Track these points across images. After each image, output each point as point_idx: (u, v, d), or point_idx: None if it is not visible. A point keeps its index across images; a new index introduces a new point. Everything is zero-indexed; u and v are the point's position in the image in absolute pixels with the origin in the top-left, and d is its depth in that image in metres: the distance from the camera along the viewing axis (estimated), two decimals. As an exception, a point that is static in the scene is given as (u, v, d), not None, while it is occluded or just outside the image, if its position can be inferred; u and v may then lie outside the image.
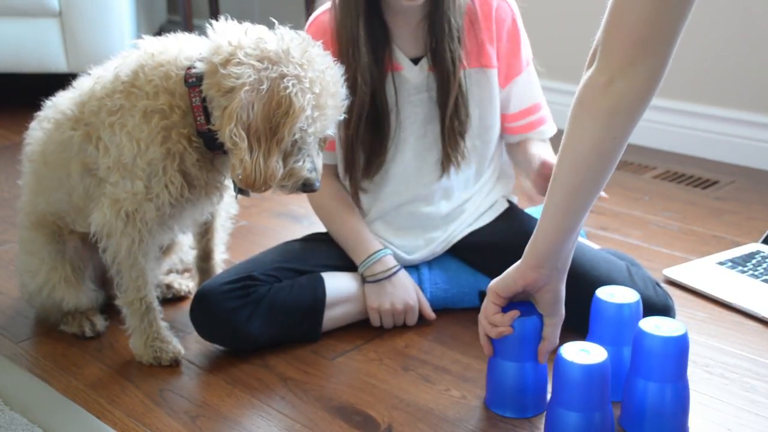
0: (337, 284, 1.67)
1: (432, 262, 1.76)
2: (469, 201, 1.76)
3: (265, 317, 1.59)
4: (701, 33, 2.64)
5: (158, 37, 1.51)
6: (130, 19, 3.17)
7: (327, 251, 1.73)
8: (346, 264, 1.72)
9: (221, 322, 1.58)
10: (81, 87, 1.56)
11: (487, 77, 1.68)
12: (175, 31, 1.53)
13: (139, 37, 1.54)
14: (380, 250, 1.69)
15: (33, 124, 1.63)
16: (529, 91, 1.73)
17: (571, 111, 1.22)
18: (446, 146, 1.68)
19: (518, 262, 1.34)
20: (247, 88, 1.34)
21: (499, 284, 1.36)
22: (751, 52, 2.59)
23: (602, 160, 1.22)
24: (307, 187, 1.46)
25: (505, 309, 1.37)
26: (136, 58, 1.48)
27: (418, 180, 1.72)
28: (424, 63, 1.66)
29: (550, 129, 1.75)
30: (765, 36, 2.56)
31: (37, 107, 1.63)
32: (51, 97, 1.61)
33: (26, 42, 3.06)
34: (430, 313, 1.71)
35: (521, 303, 1.38)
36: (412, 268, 1.75)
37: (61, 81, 1.84)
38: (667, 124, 2.77)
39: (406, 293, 1.68)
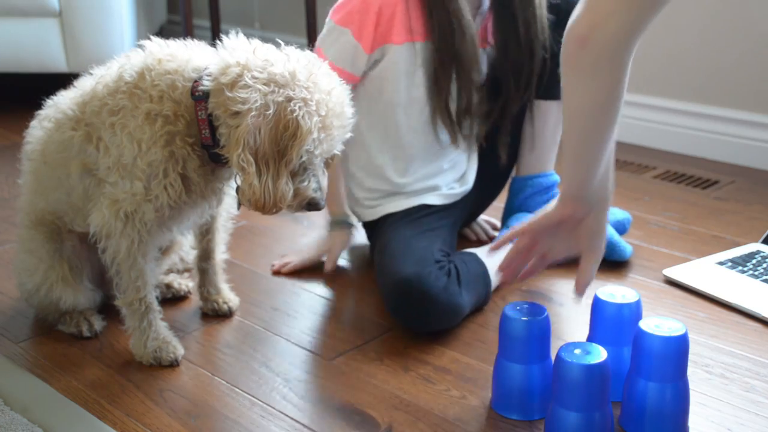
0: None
1: None
2: None
3: (466, 288, 1.68)
4: (701, 33, 2.64)
5: (166, 41, 1.50)
6: (130, 19, 3.17)
7: (438, 237, 1.81)
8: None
9: (440, 301, 1.63)
10: (82, 87, 1.55)
11: None
12: (175, 30, 1.52)
13: (146, 36, 1.53)
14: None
15: (33, 123, 1.62)
16: None
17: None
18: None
19: (552, 201, 1.38)
20: (253, 113, 1.34)
21: (533, 219, 1.40)
22: (750, 52, 2.59)
23: (600, 108, 1.24)
24: (312, 206, 1.46)
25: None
26: (141, 59, 1.47)
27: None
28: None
29: None
30: (765, 36, 2.56)
31: (38, 107, 1.63)
32: (51, 97, 1.61)
33: (26, 42, 3.06)
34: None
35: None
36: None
37: (61, 81, 1.84)
38: (667, 124, 2.77)
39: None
